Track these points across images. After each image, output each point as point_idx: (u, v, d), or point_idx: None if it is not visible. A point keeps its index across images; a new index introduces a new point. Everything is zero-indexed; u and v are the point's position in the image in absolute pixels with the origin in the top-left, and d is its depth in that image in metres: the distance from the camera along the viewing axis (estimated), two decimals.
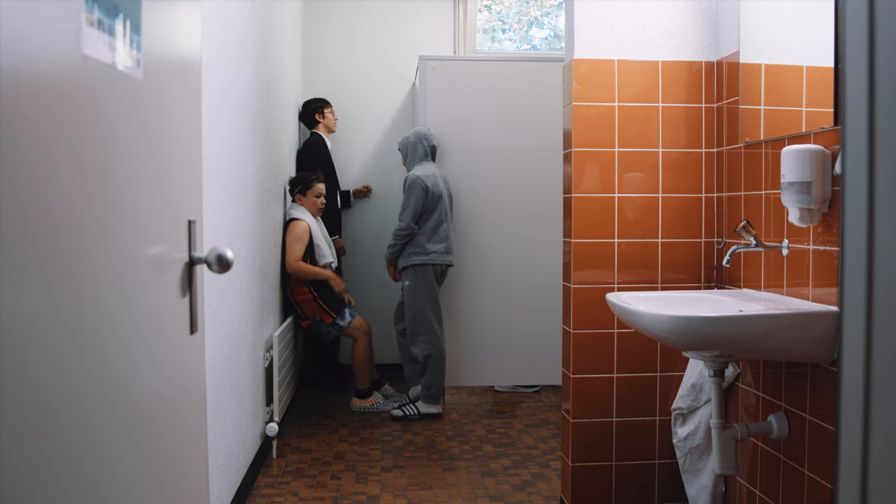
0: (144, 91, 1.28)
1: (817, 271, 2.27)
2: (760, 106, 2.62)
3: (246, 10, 3.36)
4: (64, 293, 1.01)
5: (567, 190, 2.95)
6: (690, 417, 2.85)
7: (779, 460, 2.47)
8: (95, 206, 1.10)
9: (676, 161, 2.93)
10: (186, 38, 1.52)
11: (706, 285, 2.94)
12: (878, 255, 0.77)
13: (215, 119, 2.72)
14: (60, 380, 0.99)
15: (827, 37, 2.20)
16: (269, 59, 4.00)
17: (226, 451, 2.87)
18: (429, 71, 4.65)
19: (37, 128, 0.94)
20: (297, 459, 3.75)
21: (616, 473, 2.96)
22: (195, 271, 1.52)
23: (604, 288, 2.88)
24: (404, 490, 3.36)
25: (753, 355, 2.47)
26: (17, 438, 0.88)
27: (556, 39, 6.05)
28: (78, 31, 1.03)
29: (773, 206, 2.51)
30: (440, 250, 4.42)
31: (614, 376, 2.92)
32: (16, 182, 0.88)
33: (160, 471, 1.37)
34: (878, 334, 0.77)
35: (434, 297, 4.44)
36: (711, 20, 2.92)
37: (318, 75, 5.64)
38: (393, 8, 5.66)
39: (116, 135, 1.18)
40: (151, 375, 1.33)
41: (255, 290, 3.54)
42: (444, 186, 4.46)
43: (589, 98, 2.87)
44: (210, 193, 2.58)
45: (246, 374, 3.31)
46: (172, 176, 1.44)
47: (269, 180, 4.03)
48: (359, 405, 4.59)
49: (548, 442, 4.03)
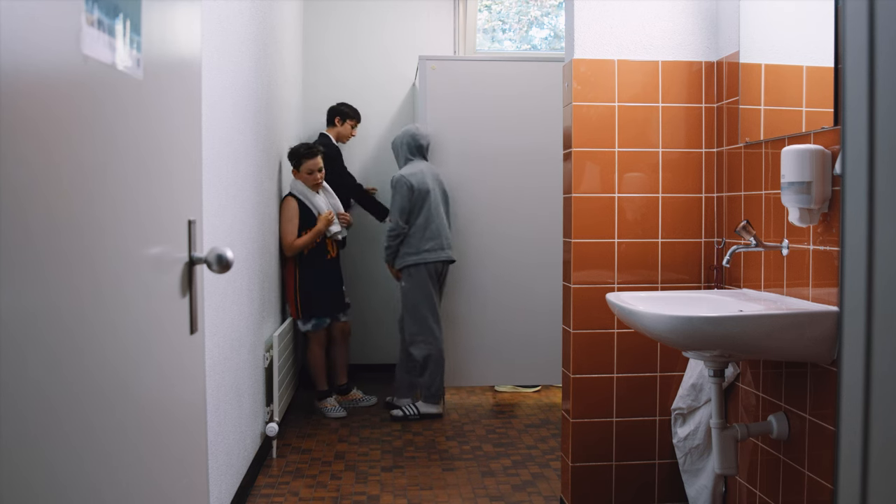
0: (144, 91, 1.28)
1: (817, 271, 2.27)
2: (760, 106, 2.62)
3: (246, 10, 3.36)
4: (64, 293, 1.01)
5: (567, 190, 2.95)
6: (690, 417, 2.85)
7: (779, 460, 2.47)
8: (95, 206, 1.10)
9: (676, 161, 2.93)
10: (186, 38, 1.52)
11: (706, 285, 2.94)
12: (878, 255, 0.77)
13: (215, 119, 2.72)
14: (60, 380, 0.99)
15: (827, 37, 2.19)
16: (269, 59, 4.00)
17: (226, 451, 2.87)
18: (429, 71, 4.65)
19: (37, 128, 0.94)
20: (297, 459, 3.75)
21: (616, 473, 2.95)
22: (195, 271, 1.52)
23: (604, 288, 2.88)
24: (404, 490, 3.36)
25: (753, 355, 2.47)
26: (17, 438, 0.88)
27: (556, 39, 6.05)
28: (78, 31, 1.03)
29: (773, 206, 2.51)
30: (431, 248, 4.42)
31: (614, 376, 2.92)
32: (16, 182, 0.88)
33: (160, 471, 1.37)
34: (878, 334, 0.77)
35: (429, 297, 4.43)
36: (711, 20, 2.92)
37: (319, 75, 5.64)
38: (393, 8, 5.66)
39: (116, 135, 1.18)
40: (151, 375, 1.33)
41: (255, 290, 3.54)
42: (433, 183, 4.45)
43: (589, 98, 2.87)
44: (210, 193, 2.58)
45: (246, 374, 3.31)
46: (172, 176, 1.44)
47: (269, 180, 4.04)
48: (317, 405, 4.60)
49: (548, 442, 4.03)
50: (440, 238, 4.44)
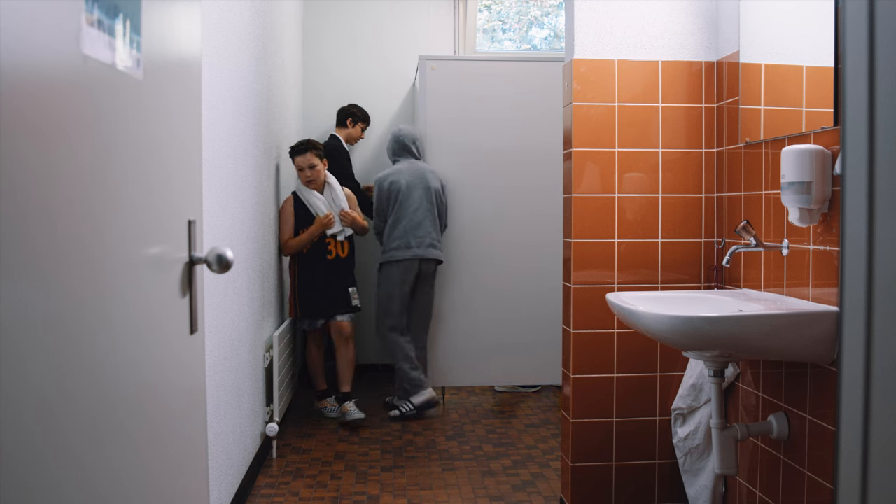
0: (144, 91, 1.28)
1: (817, 271, 2.27)
2: (760, 106, 2.62)
3: (246, 10, 3.36)
4: (64, 293, 1.01)
5: (567, 190, 2.95)
6: (690, 417, 2.85)
7: (779, 460, 2.47)
8: (95, 207, 1.10)
9: (676, 161, 2.93)
10: (186, 38, 1.52)
11: (706, 285, 2.94)
12: (878, 255, 0.77)
13: (215, 119, 2.72)
14: (60, 380, 0.99)
15: (827, 37, 2.19)
16: (269, 59, 4.00)
17: (226, 451, 2.87)
18: (429, 71, 4.65)
19: (37, 128, 0.94)
20: (297, 459, 3.75)
21: (616, 473, 2.96)
22: (195, 271, 1.52)
23: (604, 288, 2.88)
24: (404, 490, 3.36)
25: (753, 355, 2.47)
26: (16, 439, 0.88)
27: (556, 39, 6.05)
28: (78, 31, 1.03)
29: (773, 206, 2.51)
30: (397, 247, 4.46)
31: (614, 376, 2.92)
32: (16, 182, 0.88)
33: (160, 471, 1.37)
34: (878, 334, 0.77)
35: (393, 297, 4.48)
36: (711, 20, 2.92)
37: (319, 75, 5.64)
38: (393, 8, 5.66)
39: (116, 135, 1.18)
40: (151, 375, 1.33)
41: (255, 290, 3.54)
42: (414, 182, 4.46)
43: (589, 98, 2.87)
44: (210, 193, 2.58)
45: (246, 374, 3.31)
46: (172, 176, 1.44)
47: (269, 180, 4.04)
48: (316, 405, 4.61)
49: (548, 442, 4.03)
50: (407, 237, 4.44)
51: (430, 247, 4.48)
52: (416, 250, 4.45)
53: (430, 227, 4.48)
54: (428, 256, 4.47)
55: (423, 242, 4.46)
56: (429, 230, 4.47)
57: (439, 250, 4.53)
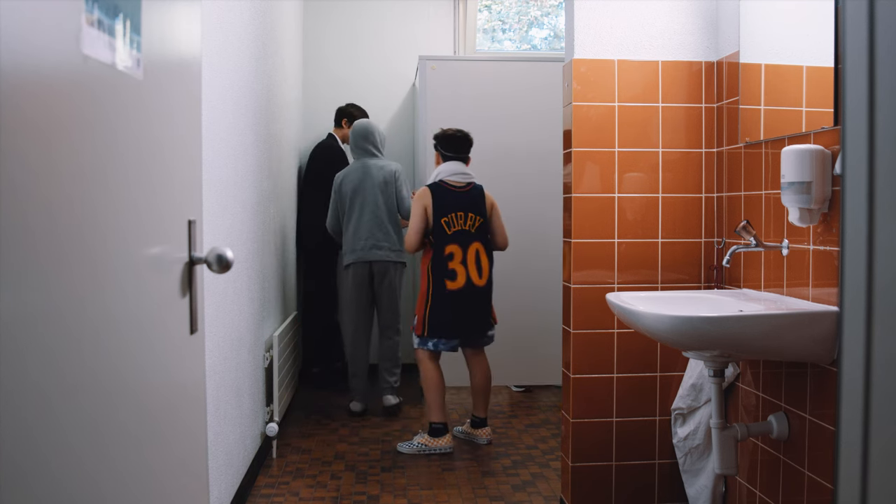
0: (144, 91, 1.28)
1: (817, 271, 2.27)
2: (760, 106, 2.62)
3: (246, 10, 3.36)
4: (64, 293, 1.01)
5: (567, 190, 2.95)
6: (690, 417, 2.85)
7: (779, 460, 2.47)
8: (95, 206, 1.10)
9: (676, 161, 2.93)
10: (186, 38, 1.52)
11: (706, 285, 2.94)
12: (878, 255, 0.77)
13: (215, 119, 2.72)
14: (60, 380, 0.99)
15: (827, 37, 2.19)
16: (269, 59, 4.00)
17: (226, 450, 2.87)
18: (429, 71, 4.65)
19: (37, 128, 0.94)
20: (297, 459, 3.75)
21: (616, 473, 2.95)
22: (195, 271, 1.52)
23: (604, 288, 2.88)
24: (404, 490, 3.36)
25: (753, 355, 2.47)
26: (17, 439, 0.88)
27: (556, 39, 6.05)
28: (78, 31, 1.03)
29: (773, 206, 2.51)
30: (347, 251, 4.49)
31: (614, 376, 2.92)
32: (16, 182, 0.88)
33: (160, 470, 1.37)
34: (878, 334, 0.77)
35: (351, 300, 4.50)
36: (711, 20, 2.92)
37: (319, 75, 5.64)
38: (393, 8, 5.65)
39: (116, 135, 1.18)
40: (152, 375, 1.33)
41: (255, 290, 3.54)
42: (352, 185, 4.44)
43: (589, 98, 2.87)
44: (210, 193, 2.58)
45: (246, 374, 3.31)
46: (172, 176, 1.44)
47: (269, 180, 4.03)
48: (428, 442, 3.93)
49: (548, 442, 4.03)
50: (353, 240, 4.44)
51: (373, 248, 4.44)
52: (360, 253, 4.43)
53: (374, 229, 4.42)
54: (370, 259, 4.44)
55: (366, 245, 4.43)
56: (373, 232, 4.42)
57: (386, 251, 4.45)
